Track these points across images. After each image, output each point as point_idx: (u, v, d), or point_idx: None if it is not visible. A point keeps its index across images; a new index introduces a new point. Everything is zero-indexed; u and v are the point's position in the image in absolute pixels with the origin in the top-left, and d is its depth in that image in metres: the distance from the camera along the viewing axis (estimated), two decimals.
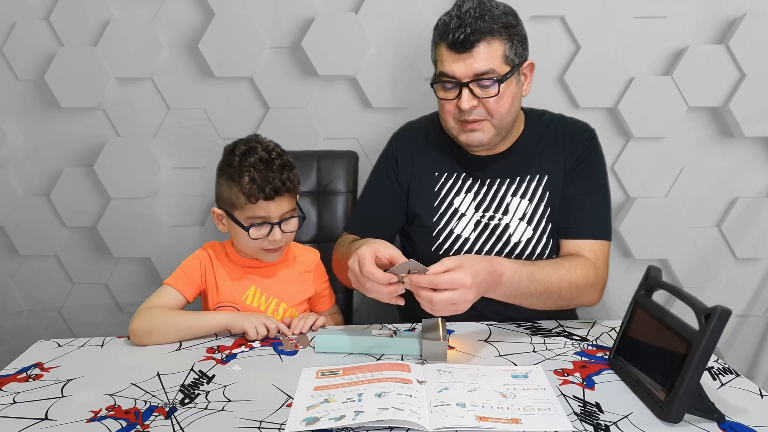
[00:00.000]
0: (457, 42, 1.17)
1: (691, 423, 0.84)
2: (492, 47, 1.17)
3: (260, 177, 1.17)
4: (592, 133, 1.32)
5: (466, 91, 1.18)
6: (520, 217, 1.28)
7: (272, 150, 1.22)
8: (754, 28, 1.60)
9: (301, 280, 1.32)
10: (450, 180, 1.33)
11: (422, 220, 1.32)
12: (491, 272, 1.05)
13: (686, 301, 0.87)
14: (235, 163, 1.20)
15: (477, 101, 1.20)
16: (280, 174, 1.19)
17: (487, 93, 1.19)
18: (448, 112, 1.24)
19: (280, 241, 1.21)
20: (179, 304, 1.22)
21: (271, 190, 1.17)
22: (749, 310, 1.78)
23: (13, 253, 1.82)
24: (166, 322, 1.14)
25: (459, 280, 0.98)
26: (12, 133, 1.74)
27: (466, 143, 1.26)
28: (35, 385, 0.98)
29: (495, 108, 1.20)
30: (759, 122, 1.65)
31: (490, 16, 1.17)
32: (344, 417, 0.83)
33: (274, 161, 1.20)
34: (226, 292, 1.26)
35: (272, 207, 1.19)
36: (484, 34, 1.16)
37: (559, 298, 1.16)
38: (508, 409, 0.86)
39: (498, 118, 1.22)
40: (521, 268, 1.11)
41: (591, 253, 1.23)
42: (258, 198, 1.17)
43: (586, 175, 1.28)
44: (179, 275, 1.25)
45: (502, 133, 1.26)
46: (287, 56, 1.67)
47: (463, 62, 1.18)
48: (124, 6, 1.65)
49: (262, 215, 1.19)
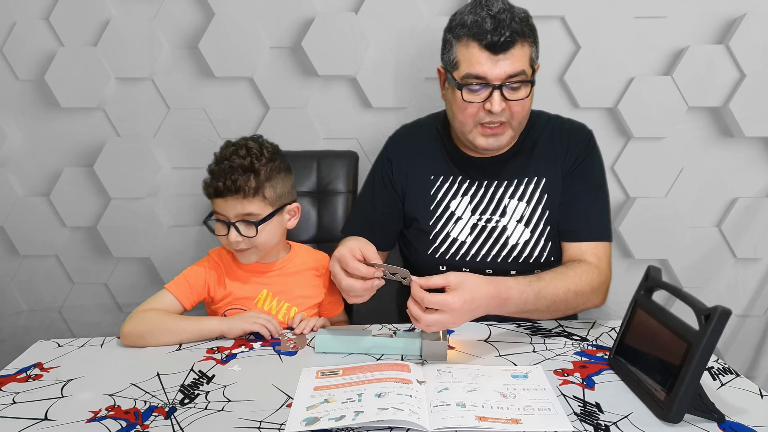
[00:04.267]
0: (496, 44, 1.13)
1: (691, 423, 0.84)
2: (524, 49, 1.16)
3: (215, 173, 1.19)
4: (590, 134, 1.31)
5: (498, 93, 1.15)
6: (518, 220, 1.27)
7: (241, 148, 1.20)
8: (754, 28, 1.60)
9: (312, 284, 1.31)
10: (446, 183, 1.32)
11: (419, 224, 1.32)
12: (494, 297, 1.04)
13: (686, 301, 0.87)
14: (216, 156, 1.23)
15: (505, 104, 1.17)
16: (230, 174, 1.16)
17: (515, 95, 1.17)
18: (471, 114, 1.19)
19: (236, 243, 1.19)
20: (175, 311, 1.20)
21: (223, 186, 1.17)
22: (749, 310, 1.78)
23: (13, 253, 1.82)
24: (158, 327, 1.13)
25: (449, 303, 0.98)
26: (12, 133, 1.74)
27: (483, 147, 1.23)
28: (35, 385, 0.98)
29: (519, 111, 1.19)
30: (759, 122, 1.65)
31: (519, 17, 1.16)
32: (344, 417, 0.83)
33: (233, 161, 1.18)
34: (237, 296, 1.25)
35: (222, 205, 1.19)
36: (519, 36, 1.14)
37: (566, 308, 1.16)
38: (508, 409, 0.86)
39: (518, 121, 1.21)
40: (528, 287, 1.09)
41: (594, 257, 1.23)
42: (209, 193, 1.20)
43: (585, 177, 1.28)
44: (180, 282, 1.23)
45: (515, 136, 1.25)
46: (287, 56, 1.67)
47: (498, 63, 1.15)
48: (124, 6, 1.65)
49: (219, 212, 1.20)
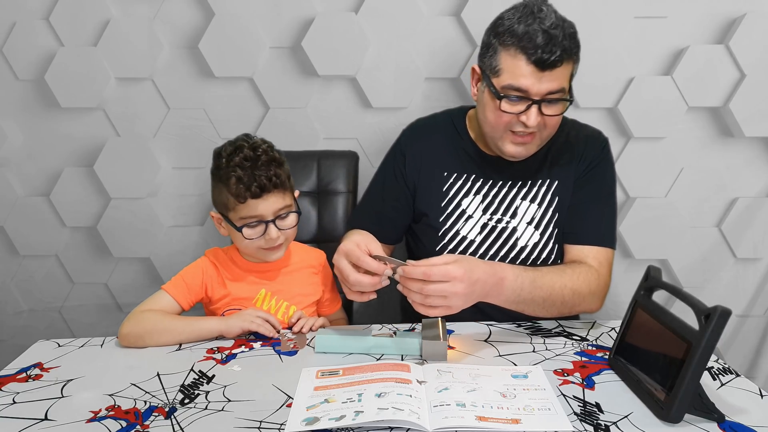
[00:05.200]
0: (546, 61, 1.11)
1: (691, 423, 0.84)
2: (568, 67, 1.15)
3: (246, 176, 1.15)
4: (605, 142, 1.32)
5: (536, 108, 1.14)
6: (528, 221, 1.27)
7: (258, 147, 1.20)
8: (754, 28, 1.60)
9: (310, 282, 1.31)
10: (459, 181, 1.32)
11: (429, 219, 1.32)
12: (491, 275, 1.05)
13: (686, 301, 0.87)
14: (222, 165, 1.19)
15: (540, 117, 1.16)
16: (267, 171, 1.16)
17: (551, 110, 1.16)
18: (505, 123, 1.18)
19: (277, 238, 1.19)
20: (173, 312, 1.20)
21: (257, 188, 1.15)
22: (749, 310, 1.78)
23: (13, 253, 1.82)
24: (157, 327, 1.12)
25: (451, 272, 0.99)
26: (12, 133, 1.74)
27: (511, 154, 1.22)
28: (35, 385, 0.98)
29: (552, 124, 1.19)
30: (759, 122, 1.65)
31: (570, 34, 1.13)
32: (344, 417, 0.83)
33: (259, 158, 1.17)
34: (236, 296, 1.25)
35: (262, 205, 1.17)
36: (567, 54, 1.13)
37: (561, 306, 1.16)
38: (508, 409, 0.86)
39: (548, 133, 1.21)
40: (523, 273, 1.10)
41: (595, 261, 1.23)
42: (246, 197, 1.16)
43: (596, 182, 1.28)
44: (178, 283, 1.22)
45: (542, 145, 1.25)
46: (287, 56, 1.67)
47: (542, 80, 1.13)
48: (124, 6, 1.65)
49: (254, 214, 1.17)
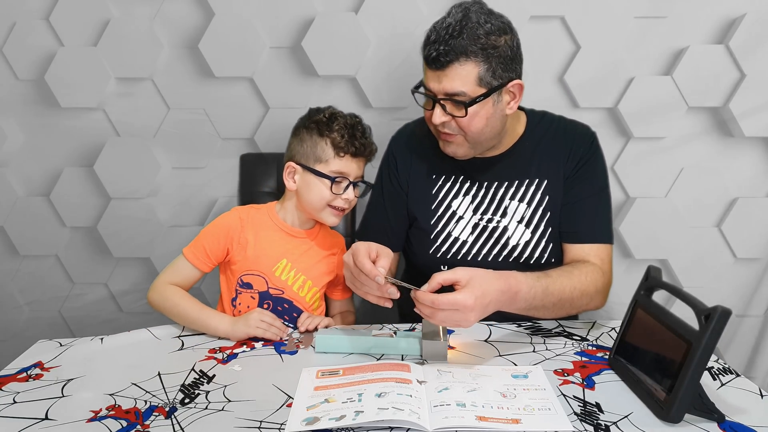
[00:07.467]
0: (429, 58, 1.13)
1: (691, 423, 0.84)
2: (465, 68, 1.12)
3: (348, 134, 1.25)
4: (593, 136, 1.31)
5: (438, 107, 1.16)
6: (519, 220, 1.27)
7: (355, 116, 1.31)
8: (754, 28, 1.59)
9: (328, 262, 1.34)
10: (448, 183, 1.32)
11: (420, 222, 1.32)
12: (504, 292, 1.02)
13: (686, 301, 0.88)
14: (323, 120, 1.27)
15: (449, 117, 1.17)
16: (365, 137, 1.28)
17: (457, 112, 1.16)
18: (428, 119, 1.22)
19: (353, 201, 1.27)
20: (194, 277, 1.28)
21: (360, 146, 1.26)
22: (748, 310, 1.78)
23: (13, 253, 1.82)
24: (175, 308, 1.21)
25: (461, 301, 0.96)
26: (12, 133, 1.74)
27: (446, 153, 1.26)
28: (35, 385, 0.98)
29: (466, 126, 1.17)
30: (759, 122, 1.65)
31: (469, 34, 1.10)
32: (344, 417, 0.83)
33: (359, 124, 1.28)
34: (258, 260, 1.27)
35: (354, 165, 1.26)
36: (457, 54, 1.11)
37: (570, 308, 1.16)
38: (508, 409, 0.86)
39: (471, 136, 1.20)
40: (537, 282, 1.09)
41: (597, 258, 1.23)
42: (347, 152, 1.25)
43: (588, 179, 1.28)
44: (198, 248, 1.27)
45: (478, 148, 1.24)
46: (287, 56, 1.67)
47: (437, 79, 1.14)
48: (124, 6, 1.65)
49: (344, 171, 1.25)
